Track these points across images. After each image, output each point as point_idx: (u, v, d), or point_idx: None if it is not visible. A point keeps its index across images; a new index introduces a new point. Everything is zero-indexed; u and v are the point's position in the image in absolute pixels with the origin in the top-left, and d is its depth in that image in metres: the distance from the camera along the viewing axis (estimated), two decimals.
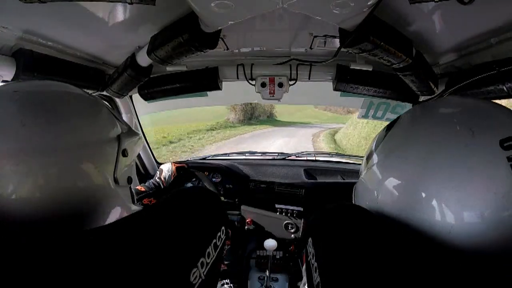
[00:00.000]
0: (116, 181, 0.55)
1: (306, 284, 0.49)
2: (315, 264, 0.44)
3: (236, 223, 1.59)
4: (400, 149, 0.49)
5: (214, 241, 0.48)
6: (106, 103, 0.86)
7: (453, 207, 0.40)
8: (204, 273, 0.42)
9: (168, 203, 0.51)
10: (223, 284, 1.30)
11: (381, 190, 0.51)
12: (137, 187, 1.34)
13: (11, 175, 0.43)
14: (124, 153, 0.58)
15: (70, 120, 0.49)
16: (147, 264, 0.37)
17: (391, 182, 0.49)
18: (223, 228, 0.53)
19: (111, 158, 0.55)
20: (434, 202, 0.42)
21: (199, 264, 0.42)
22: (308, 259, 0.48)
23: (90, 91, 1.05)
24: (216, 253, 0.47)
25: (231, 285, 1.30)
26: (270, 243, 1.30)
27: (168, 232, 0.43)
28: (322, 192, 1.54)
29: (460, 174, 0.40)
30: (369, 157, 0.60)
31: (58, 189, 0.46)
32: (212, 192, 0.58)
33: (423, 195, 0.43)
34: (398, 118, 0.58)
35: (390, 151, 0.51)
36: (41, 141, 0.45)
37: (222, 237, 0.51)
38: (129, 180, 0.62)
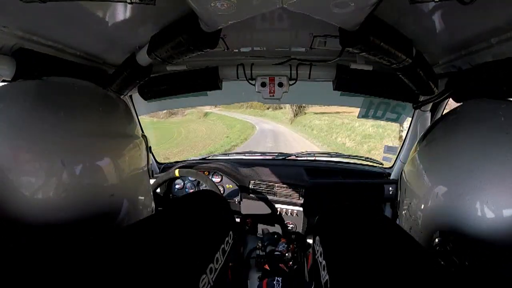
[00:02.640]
0: (149, 172, 0.64)
1: (314, 283, 0.49)
2: (323, 262, 0.44)
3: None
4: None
5: (222, 246, 0.48)
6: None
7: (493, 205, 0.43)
8: (213, 279, 0.42)
9: (178, 209, 0.51)
10: None
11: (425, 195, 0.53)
12: None
13: (51, 176, 0.44)
14: (150, 150, 0.66)
15: (112, 121, 0.53)
16: (157, 271, 0.36)
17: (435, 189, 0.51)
18: (230, 232, 0.53)
19: (145, 152, 0.63)
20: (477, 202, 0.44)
21: (207, 271, 0.42)
22: (316, 257, 0.48)
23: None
24: (224, 258, 0.47)
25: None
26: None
27: (178, 239, 0.43)
28: (322, 192, 1.54)
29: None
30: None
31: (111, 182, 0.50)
32: (220, 196, 0.58)
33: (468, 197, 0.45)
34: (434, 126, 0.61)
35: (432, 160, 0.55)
36: (82, 142, 0.47)
37: (230, 241, 0.51)
38: (151, 173, 0.69)
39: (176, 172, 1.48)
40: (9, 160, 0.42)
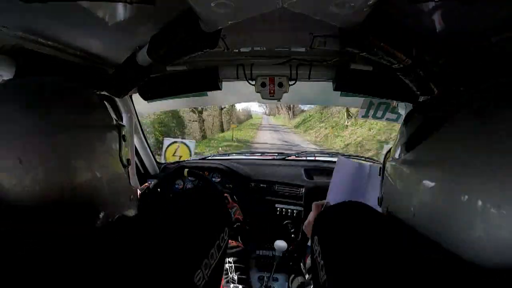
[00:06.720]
0: (121, 160, 0.60)
1: (312, 283, 0.49)
2: (322, 262, 0.44)
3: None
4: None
5: (218, 242, 0.48)
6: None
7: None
8: (208, 274, 0.43)
9: (173, 205, 0.51)
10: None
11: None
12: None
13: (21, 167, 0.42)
14: (124, 138, 0.63)
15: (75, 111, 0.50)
16: (152, 266, 0.37)
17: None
18: (226, 229, 0.53)
19: (116, 141, 0.60)
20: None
21: (202, 266, 0.42)
22: (314, 257, 0.48)
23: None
24: (219, 254, 0.48)
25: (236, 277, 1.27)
26: (280, 244, 1.28)
27: (173, 234, 0.43)
28: (322, 192, 1.54)
29: None
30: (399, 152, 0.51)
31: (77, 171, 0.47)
32: (216, 193, 0.58)
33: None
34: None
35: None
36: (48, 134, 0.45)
37: (225, 238, 0.52)
38: (128, 162, 0.66)
39: (185, 173, 1.47)
40: None
